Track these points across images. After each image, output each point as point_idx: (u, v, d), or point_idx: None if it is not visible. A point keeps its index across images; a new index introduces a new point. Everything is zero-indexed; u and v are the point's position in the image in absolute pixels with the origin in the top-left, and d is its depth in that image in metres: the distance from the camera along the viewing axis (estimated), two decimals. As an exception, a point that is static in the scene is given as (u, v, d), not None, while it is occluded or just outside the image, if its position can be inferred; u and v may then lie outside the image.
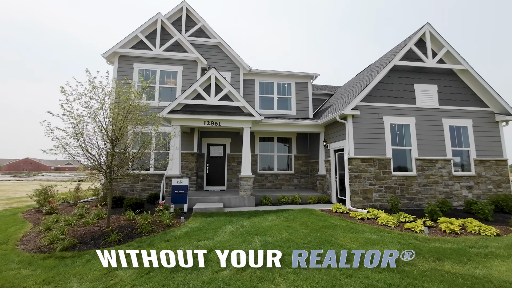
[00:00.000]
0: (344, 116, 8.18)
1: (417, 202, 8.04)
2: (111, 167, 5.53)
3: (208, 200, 8.30)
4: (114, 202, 8.08)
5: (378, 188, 7.91)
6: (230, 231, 5.19)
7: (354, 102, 7.97)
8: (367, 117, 8.22)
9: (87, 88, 5.48)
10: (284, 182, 11.45)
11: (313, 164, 11.17)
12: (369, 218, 6.38)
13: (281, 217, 6.42)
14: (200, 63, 10.92)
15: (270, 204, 8.67)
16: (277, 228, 5.39)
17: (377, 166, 8.00)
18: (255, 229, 5.32)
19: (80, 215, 6.72)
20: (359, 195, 7.78)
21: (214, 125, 8.65)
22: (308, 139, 11.97)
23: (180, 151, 8.77)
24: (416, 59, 8.72)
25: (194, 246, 4.27)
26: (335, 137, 9.05)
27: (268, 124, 9.77)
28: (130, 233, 5.15)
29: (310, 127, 10.12)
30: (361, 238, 4.73)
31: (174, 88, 10.64)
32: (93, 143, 5.20)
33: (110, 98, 5.82)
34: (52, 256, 3.89)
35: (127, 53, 10.47)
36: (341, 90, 13.25)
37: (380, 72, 8.29)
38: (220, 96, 8.73)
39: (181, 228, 5.41)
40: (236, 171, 11.13)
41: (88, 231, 5.31)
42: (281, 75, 12.01)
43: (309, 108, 12.10)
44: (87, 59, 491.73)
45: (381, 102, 8.41)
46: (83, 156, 5.12)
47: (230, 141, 11.33)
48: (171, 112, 8.34)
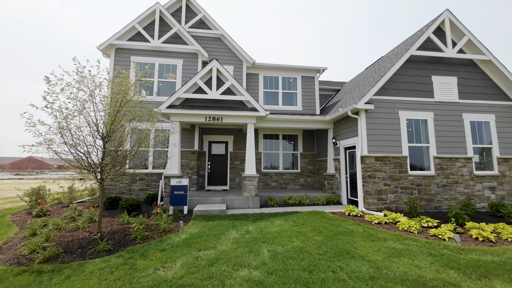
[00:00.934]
0: (357, 111, 7.55)
1: (435, 204, 7.41)
2: (102, 166, 4.99)
3: (210, 201, 7.75)
4: (109, 203, 7.57)
5: (393, 188, 7.30)
6: (234, 238, 4.62)
7: (367, 95, 7.34)
8: (382, 111, 7.58)
9: (74, 79, 4.93)
10: (289, 182, 10.87)
11: (321, 162, 10.57)
12: (387, 222, 5.78)
13: (289, 221, 5.84)
14: (201, 56, 10.32)
15: (276, 205, 8.09)
16: (287, 234, 4.81)
17: (393, 165, 7.38)
18: (262, 235, 4.75)
19: (71, 218, 6.20)
20: (373, 196, 7.17)
21: (216, 121, 8.08)
22: (315, 136, 11.35)
23: (180, 149, 8.21)
24: (434, 49, 8.04)
25: (193, 258, 3.71)
26: (346, 133, 8.43)
27: (273, 120, 9.17)
28: (123, 240, 4.61)
29: (318, 123, 9.50)
30: (384, 247, 4.14)
31: (173, 82, 10.06)
32: (82, 140, 4.65)
33: (101, 90, 5.25)
34: (29, 270, 3.35)
35: (124, 45, 9.90)
36: (349, 85, 12.60)
37: (395, 63, 7.64)
38: (222, 89, 8.13)
39: (179, 234, 4.86)
40: (239, 170, 10.56)
41: (77, 237, 4.78)
42: (287, 69, 11.37)
43: (315, 103, 11.47)
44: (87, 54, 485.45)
45: (396, 95, 7.76)
46: (69, 154, 4.57)
47: (232, 139, 10.75)
48: (169, 107, 7.77)
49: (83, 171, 4.74)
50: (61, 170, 61.45)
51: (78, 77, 4.87)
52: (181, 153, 9.49)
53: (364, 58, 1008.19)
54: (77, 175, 4.87)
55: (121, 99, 5.19)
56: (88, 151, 4.69)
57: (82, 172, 4.76)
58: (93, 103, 5.04)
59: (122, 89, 5.21)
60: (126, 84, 5.14)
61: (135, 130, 5.83)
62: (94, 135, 4.93)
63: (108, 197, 7.73)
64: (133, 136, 5.66)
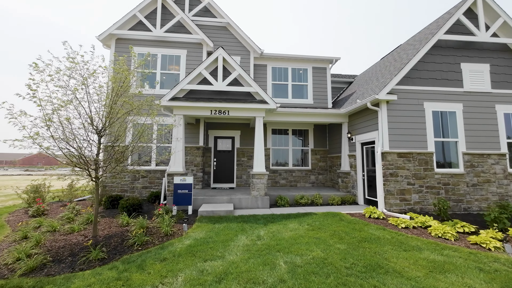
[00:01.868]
0: (377, 102, 6.84)
1: (464, 205, 6.70)
2: (97, 163, 4.48)
3: (216, 200, 7.22)
4: (110, 202, 7.13)
5: (418, 188, 6.61)
6: (244, 244, 4.06)
7: (389, 84, 6.62)
8: (405, 103, 6.85)
9: (66, 66, 4.41)
10: (299, 179, 10.26)
11: (333, 159, 9.90)
12: (415, 226, 5.12)
13: (304, 224, 5.25)
14: (205, 46, 9.71)
15: (287, 205, 7.51)
16: (304, 241, 4.23)
17: (417, 162, 6.68)
18: (276, 242, 4.18)
19: (68, 218, 5.76)
20: (395, 196, 6.50)
21: (222, 114, 7.49)
22: (327, 131, 10.66)
23: (184, 144, 7.67)
24: (464, 32, 7.22)
25: (198, 271, 3.17)
26: (363, 127, 7.73)
27: (283, 113, 8.53)
28: (120, 245, 4.11)
29: (332, 116, 8.81)
30: (421, 259, 3.51)
31: (177, 74, 9.50)
32: (72, 133, 4.14)
33: (96, 78, 4.72)
34: (6, 285, 2.87)
35: (125, 35, 9.36)
36: (362, 77, 11.80)
37: (420, 48, 6.86)
38: (229, 80, 7.52)
39: (182, 240, 4.33)
40: (246, 166, 10.01)
41: (69, 242, 4.31)
42: (296, 59, 10.66)
43: (327, 96, 10.75)
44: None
45: (421, 85, 7.00)
46: (59, 150, 4.07)
47: (239, 134, 10.17)
48: (172, 100, 7.21)
49: (76, 168, 4.24)
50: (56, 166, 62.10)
51: (69, 64, 4.34)
52: (185, 149, 8.98)
53: (372, 53, 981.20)
54: (69, 173, 4.37)
55: (117, 88, 4.66)
56: (79, 146, 4.17)
57: (74, 170, 4.26)
58: (86, 93, 4.52)
59: (119, 77, 4.67)
60: (123, 71, 4.59)
61: (134, 124, 5.31)
62: (88, 128, 4.42)
63: (108, 196, 7.29)
64: (132, 131, 5.13)
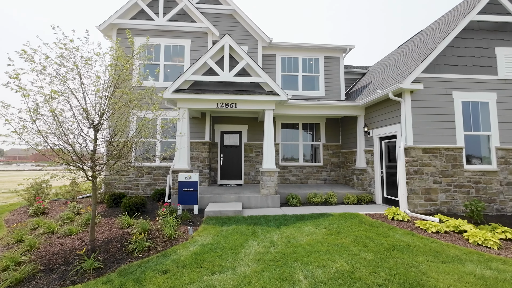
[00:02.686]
0: (400, 92, 6.19)
1: (497, 206, 6.06)
2: (94, 160, 4.07)
3: (223, 199, 6.79)
4: (113, 201, 6.80)
5: (445, 187, 5.99)
6: (256, 252, 3.60)
7: (415, 72, 5.95)
8: (431, 93, 6.18)
9: (57, 53, 3.97)
10: (310, 176, 9.72)
11: (347, 154, 9.31)
12: (447, 231, 4.55)
13: (321, 227, 4.76)
14: (211, 35, 9.16)
15: (299, 204, 7.02)
16: (323, 248, 3.74)
17: (444, 158, 6.04)
18: (292, 249, 3.70)
19: (68, 218, 5.44)
20: (420, 196, 5.91)
21: (229, 107, 6.99)
22: (340, 125, 10.03)
23: (189, 139, 7.22)
24: (499, 12, 6.42)
25: (206, 286, 2.72)
26: (382, 121, 7.10)
27: (293, 106, 7.95)
28: (118, 252, 3.71)
29: (347, 109, 8.17)
30: (466, 275, 2.97)
31: (181, 66, 9.01)
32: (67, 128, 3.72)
33: (92, 67, 4.28)
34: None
35: (126, 25, 8.89)
36: (377, 67, 11.04)
37: (450, 31, 6.13)
38: (236, 70, 6.98)
39: (187, 245, 3.91)
40: (254, 162, 9.53)
41: (65, 246, 3.95)
42: (308, 48, 9.98)
43: (340, 88, 10.07)
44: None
45: (449, 72, 6.30)
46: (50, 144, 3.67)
47: (247, 128, 9.66)
48: (176, 92, 6.74)
49: (70, 166, 3.83)
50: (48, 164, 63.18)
51: (59, 50, 3.90)
52: (191, 144, 8.55)
53: (386, 44, 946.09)
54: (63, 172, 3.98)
55: (115, 77, 4.21)
56: (73, 141, 3.76)
57: (69, 168, 3.86)
58: (81, 83, 4.09)
59: (116, 65, 4.22)
60: (119, 57, 4.12)
61: (134, 118, 4.87)
62: (82, 122, 4.00)
63: (111, 194, 6.96)
64: (131, 125, 4.68)
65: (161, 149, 8.26)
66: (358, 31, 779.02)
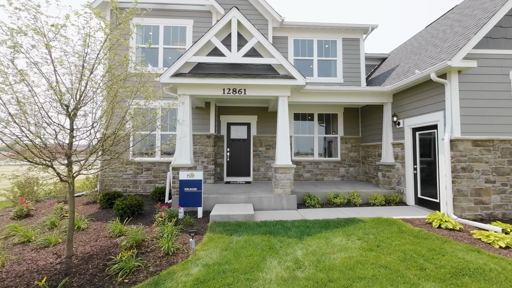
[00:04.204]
0: (444, 73, 5.10)
1: None
2: (69, 156, 3.20)
3: (231, 199, 5.90)
4: (106, 201, 6.01)
5: (499, 187, 4.94)
6: (278, 279, 2.70)
7: (466, 47, 4.84)
8: (483, 72, 5.07)
9: (25, 24, 3.07)
10: (327, 172, 8.75)
11: (368, 148, 8.27)
12: (519, 246, 3.56)
13: (354, 238, 3.82)
14: (215, 14, 8.12)
15: (318, 205, 6.09)
16: (368, 273, 2.80)
17: (499, 153, 4.98)
18: (325, 274, 2.78)
19: (51, 223, 4.65)
20: (469, 197, 4.89)
21: (237, 94, 6.02)
22: (360, 115, 8.96)
23: (191, 131, 6.31)
24: None
25: None
26: (416, 108, 6.02)
27: (309, 92, 6.92)
28: (98, 275, 2.86)
29: (372, 95, 7.08)
30: None
31: (182, 49, 8.03)
32: (20, 112, 2.85)
33: (69, 42, 3.38)
34: None
35: (121, 3, 7.91)
36: (401, 50, 9.84)
37: (509, -4, 4.95)
38: (246, 50, 5.97)
39: (188, 266, 3.03)
40: (264, 157, 8.60)
41: (34, 266, 3.12)
42: (323, 29, 8.86)
43: (361, 74, 8.97)
44: None
45: (507, 47, 5.15)
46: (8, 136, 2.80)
47: (256, 119, 8.70)
48: (176, 76, 5.79)
49: (36, 164, 2.97)
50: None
51: (14, 9, 2.99)
52: (194, 137, 7.66)
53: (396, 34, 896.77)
54: (17, 173, 3.12)
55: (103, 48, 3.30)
56: (37, 132, 2.88)
57: (34, 165, 3.00)
58: (50, 58, 3.19)
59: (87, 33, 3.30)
60: (102, 28, 3.20)
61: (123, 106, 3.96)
62: (53, 106, 3.12)
63: (105, 193, 6.16)
64: (118, 112, 3.78)
65: (161, 142, 7.40)
66: (376, 15, 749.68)
